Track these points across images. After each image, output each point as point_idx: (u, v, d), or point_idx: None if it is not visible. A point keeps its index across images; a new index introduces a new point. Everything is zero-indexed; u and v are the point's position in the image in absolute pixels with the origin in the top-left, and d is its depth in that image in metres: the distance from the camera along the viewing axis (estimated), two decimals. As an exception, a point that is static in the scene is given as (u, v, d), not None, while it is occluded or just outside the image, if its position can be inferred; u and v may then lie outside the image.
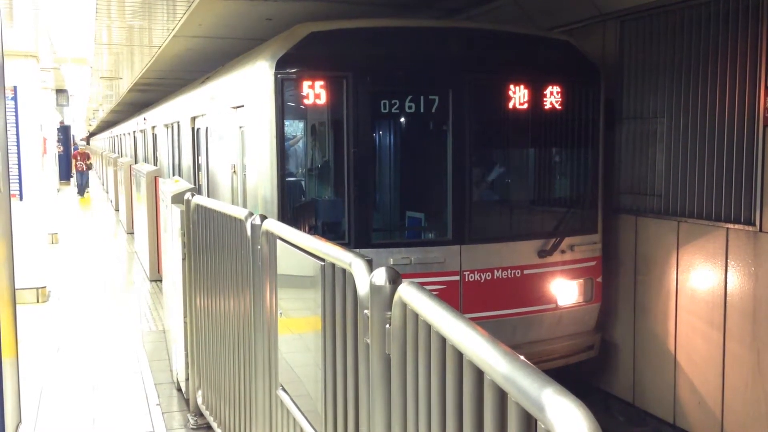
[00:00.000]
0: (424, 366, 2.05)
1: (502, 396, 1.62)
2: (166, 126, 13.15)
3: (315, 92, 5.91)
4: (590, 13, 7.34)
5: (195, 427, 5.56)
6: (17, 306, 5.33)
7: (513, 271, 6.50)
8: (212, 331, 5.00)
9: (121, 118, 31.50)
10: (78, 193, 28.36)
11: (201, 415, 5.53)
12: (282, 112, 6.00)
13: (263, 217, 3.89)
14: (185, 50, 11.33)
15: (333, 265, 2.82)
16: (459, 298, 6.30)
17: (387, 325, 2.31)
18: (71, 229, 17.92)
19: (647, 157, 6.96)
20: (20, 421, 5.22)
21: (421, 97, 6.25)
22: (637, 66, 7.04)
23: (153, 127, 15.75)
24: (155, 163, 14.83)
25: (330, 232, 6.29)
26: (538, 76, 6.59)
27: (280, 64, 5.96)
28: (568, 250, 6.73)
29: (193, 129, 10.13)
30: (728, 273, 6.13)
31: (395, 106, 6.24)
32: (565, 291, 6.74)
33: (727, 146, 6.12)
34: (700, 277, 6.42)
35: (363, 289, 2.47)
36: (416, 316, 2.09)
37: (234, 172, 7.40)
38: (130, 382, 6.61)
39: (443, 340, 1.92)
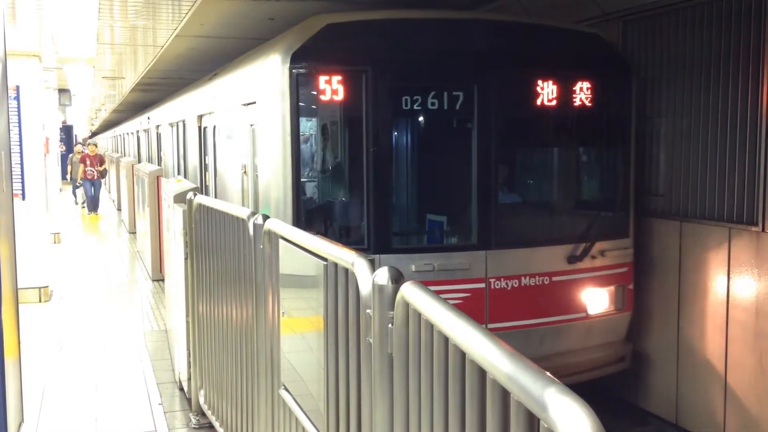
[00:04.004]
0: (427, 365, 2.05)
1: (504, 395, 1.62)
2: (171, 125, 12.95)
3: (332, 88, 5.58)
4: (593, 12, 7.32)
5: (197, 426, 5.56)
6: (20, 305, 5.33)
7: (541, 278, 6.13)
8: (214, 330, 5.00)
9: (123, 118, 31.38)
10: (88, 209, 20.87)
11: (203, 414, 5.54)
12: (297, 109, 5.68)
13: (265, 217, 3.89)
14: (187, 50, 11.33)
15: (335, 265, 2.82)
16: (484, 306, 5.94)
17: (389, 325, 2.31)
18: (73, 229, 17.94)
19: (650, 156, 6.94)
20: (23, 420, 5.23)
21: (445, 93, 5.89)
22: (639, 66, 7.03)
23: (157, 127, 15.58)
24: (159, 164, 14.75)
25: (347, 236, 5.96)
26: (568, 72, 6.24)
27: (295, 58, 5.63)
28: (599, 256, 6.37)
29: (199, 128, 9.86)
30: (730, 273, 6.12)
31: (417, 103, 5.89)
32: (595, 299, 6.37)
33: (730, 146, 6.12)
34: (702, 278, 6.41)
35: (365, 289, 2.47)
36: (419, 315, 2.09)
37: (244, 172, 7.09)
38: (133, 382, 6.62)
39: (446, 340, 1.91)
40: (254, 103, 6.49)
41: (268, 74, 5.99)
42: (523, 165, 6.88)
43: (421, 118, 6.33)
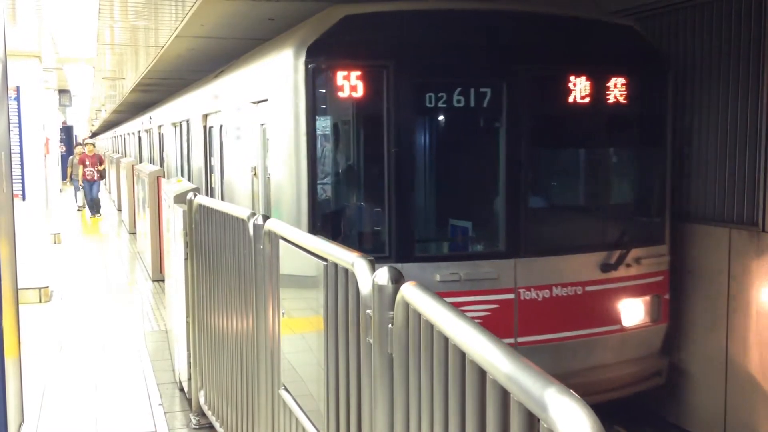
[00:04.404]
0: (427, 365, 2.05)
1: (504, 395, 1.62)
2: (174, 125, 12.66)
3: (350, 84, 5.19)
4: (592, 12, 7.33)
5: (197, 426, 5.56)
6: (20, 306, 5.33)
7: (573, 288, 5.75)
8: (214, 331, 5.00)
9: (124, 118, 31.34)
10: (91, 211, 20.35)
11: (203, 415, 5.53)
12: (313, 107, 5.30)
13: (265, 217, 3.89)
14: (188, 50, 11.33)
15: (335, 265, 2.82)
16: (514, 318, 5.57)
17: (389, 325, 2.32)
18: (74, 230, 17.94)
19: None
20: (23, 421, 5.23)
21: (471, 90, 5.49)
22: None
23: (159, 127, 15.36)
24: (161, 165, 14.63)
25: (367, 243, 5.59)
26: (602, 67, 5.87)
27: (311, 52, 5.26)
28: (634, 264, 5.99)
29: (204, 127, 9.53)
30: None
31: (442, 100, 5.48)
32: (630, 310, 6.00)
33: (730, 146, 6.12)
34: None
35: (365, 289, 2.47)
36: (419, 315, 2.09)
37: (254, 174, 6.73)
38: (133, 382, 6.61)
39: (446, 340, 1.92)
40: (266, 100, 6.15)
41: (281, 69, 5.61)
42: (554, 167, 6.50)
43: (445, 117, 5.90)
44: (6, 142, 5.08)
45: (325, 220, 5.48)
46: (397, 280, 2.35)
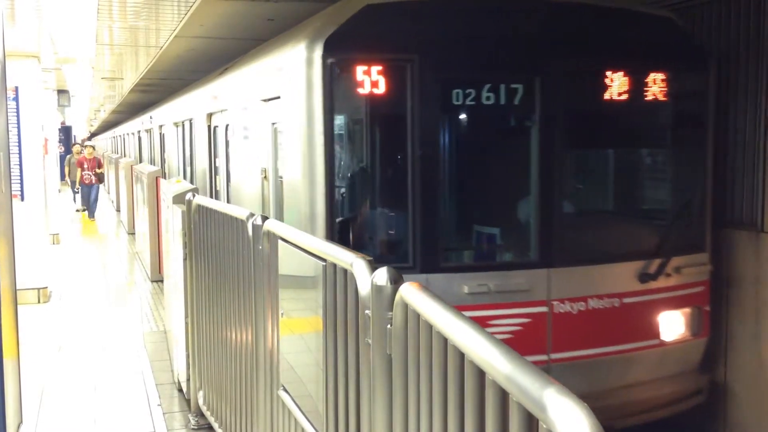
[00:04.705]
0: (426, 366, 2.05)
1: (503, 396, 1.62)
2: (176, 124, 12.39)
3: (371, 80, 4.82)
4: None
5: (196, 427, 5.56)
6: (18, 306, 5.33)
7: (610, 300, 5.36)
8: (213, 331, 5.00)
9: (123, 119, 31.28)
10: (87, 214, 19.88)
11: (202, 415, 5.53)
12: (331, 105, 4.92)
13: (264, 218, 3.89)
14: (186, 51, 11.33)
15: (334, 266, 2.82)
16: (547, 333, 5.21)
17: (388, 326, 2.31)
18: (73, 230, 17.94)
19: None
20: (21, 422, 5.22)
21: (502, 86, 5.12)
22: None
23: (160, 126, 15.15)
24: (162, 166, 14.53)
25: (389, 252, 5.25)
26: (640, 61, 5.46)
27: (329, 45, 4.88)
28: (674, 273, 5.56)
29: (209, 127, 9.12)
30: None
31: (470, 97, 5.09)
32: (669, 323, 5.59)
33: (730, 146, 6.11)
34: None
35: (364, 289, 2.47)
36: (417, 316, 2.09)
37: (264, 177, 6.37)
38: (132, 383, 6.61)
39: (444, 341, 1.92)
40: (278, 98, 5.76)
41: (295, 64, 5.19)
42: (590, 169, 6.11)
43: (474, 115, 5.45)
44: (5, 142, 5.08)
45: (342, 227, 5.13)
46: (396, 280, 2.35)
